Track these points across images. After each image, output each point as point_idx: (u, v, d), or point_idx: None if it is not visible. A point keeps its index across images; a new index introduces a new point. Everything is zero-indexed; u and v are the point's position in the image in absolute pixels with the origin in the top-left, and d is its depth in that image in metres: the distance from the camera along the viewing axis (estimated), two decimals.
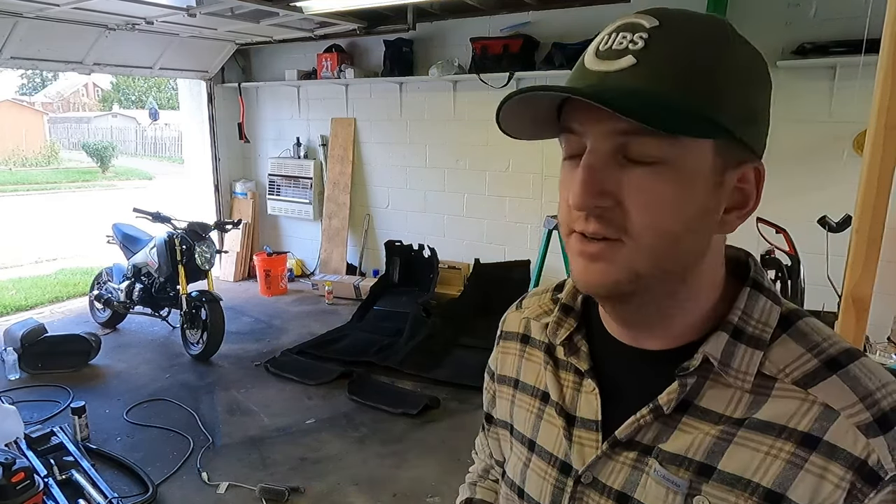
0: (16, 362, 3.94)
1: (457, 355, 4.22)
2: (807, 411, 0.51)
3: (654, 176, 0.51)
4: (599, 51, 0.52)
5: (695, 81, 0.49)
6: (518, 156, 4.84)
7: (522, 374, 0.73)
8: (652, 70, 0.49)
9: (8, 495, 2.28)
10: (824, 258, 2.87)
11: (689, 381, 0.56)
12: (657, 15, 0.51)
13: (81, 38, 4.70)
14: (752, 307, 0.57)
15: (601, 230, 0.52)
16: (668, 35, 0.50)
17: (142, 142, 24.22)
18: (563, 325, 0.67)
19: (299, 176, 6.02)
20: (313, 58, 5.54)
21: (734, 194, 0.54)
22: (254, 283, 6.01)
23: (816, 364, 0.53)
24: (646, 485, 0.57)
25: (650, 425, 0.58)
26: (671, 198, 0.51)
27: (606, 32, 0.53)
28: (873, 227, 1.35)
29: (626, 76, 0.50)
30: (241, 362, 4.24)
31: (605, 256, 0.53)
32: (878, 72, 1.31)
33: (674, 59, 0.50)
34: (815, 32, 3.61)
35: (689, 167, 0.51)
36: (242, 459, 3.04)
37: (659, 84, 0.49)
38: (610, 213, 0.52)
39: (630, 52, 0.50)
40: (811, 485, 0.49)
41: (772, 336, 0.55)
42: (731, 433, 0.54)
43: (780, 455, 0.51)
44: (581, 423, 0.63)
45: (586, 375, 0.64)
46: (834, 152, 3.66)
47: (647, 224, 0.51)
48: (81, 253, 7.99)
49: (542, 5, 4.47)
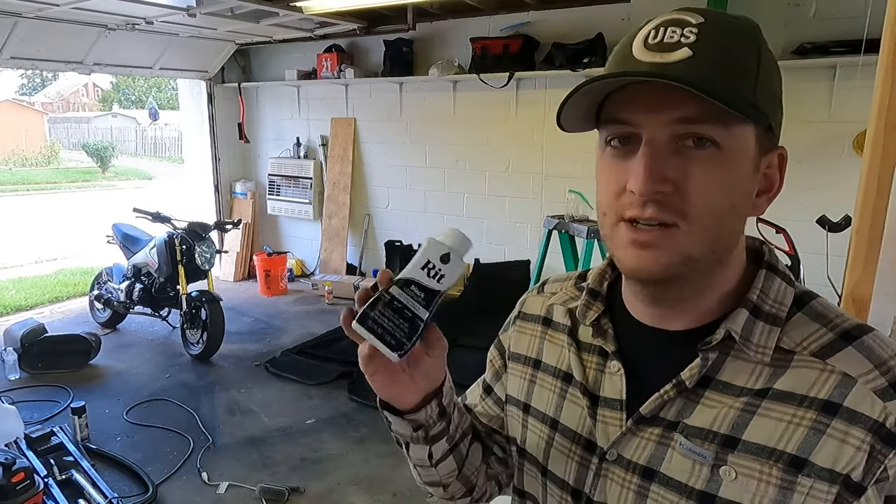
0: (16, 362, 3.94)
1: (457, 355, 4.15)
2: (826, 380, 0.54)
3: (711, 161, 0.54)
4: (649, 43, 0.55)
5: (744, 72, 0.54)
6: (518, 156, 4.84)
7: (545, 356, 0.75)
8: (707, 61, 0.52)
9: (8, 495, 2.28)
10: (824, 258, 2.87)
11: (711, 356, 0.58)
12: (700, 13, 0.55)
13: (81, 38, 4.70)
14: (769, 287, 0.60)
15: (658, 215, 0.55)
16: (714, 30, 0.54)
17: (142, 142, 24.22)
18: (592, 308, 0.70)
19: (299, 176, 6.02)
20: (313, 58, 5.54)
21: (763, 179, 0.59)
22: (254, 283, 6.02)
23: (832, 337, 0.56)
24: (671, 458, 0.59)
25: (673, 401, 0.60)
26: (726, 181, 0.55)
27: (652, 27, 0.55)
28: (873, 227, 1.36)
29: (685, 66, 0.52)
30: (241, 362, 4.24)
31: (659, 242, 0.56)
32: (878, 72, 1.31)
33: (724, 51, 0.53)
34: (815, 32, 3.61)
35: (739, 152, 0.55)
36: (242, 459, 3.04)
37: (716, 73, 0.52)
38: (669, 199, 0.54)
39: (684, 45, 0.53)
40: (833, 448, 0.52)
41: (787, 314, 0.59)
42: (754, 405, 0.56)
43: (803, 422, 0.54)
44: (605, 403, 0.65)
45: (612, 357, 0.66)
46: (834, 152, 3.66)
47: (706, 207, 0.54)
48: (81, 253, 7.99)
49: (542, 5, 4.47)
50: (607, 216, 0.59)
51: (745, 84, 0.53)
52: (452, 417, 0.72)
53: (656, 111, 0.54)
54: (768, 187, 0.60)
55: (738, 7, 3.68)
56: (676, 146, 0.54)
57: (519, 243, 4.99)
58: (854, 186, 1.40)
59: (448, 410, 0.71)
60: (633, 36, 0.57)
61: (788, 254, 3.03)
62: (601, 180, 0.60)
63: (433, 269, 0.60)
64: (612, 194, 0.58)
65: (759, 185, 0.59)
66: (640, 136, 0.55)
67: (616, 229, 0.58)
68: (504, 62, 4.49)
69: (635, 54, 0.55)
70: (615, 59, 0.57)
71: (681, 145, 0.54)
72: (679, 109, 0.53)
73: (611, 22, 4.21)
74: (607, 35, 4.15)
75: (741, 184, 0.56)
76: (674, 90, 0.51)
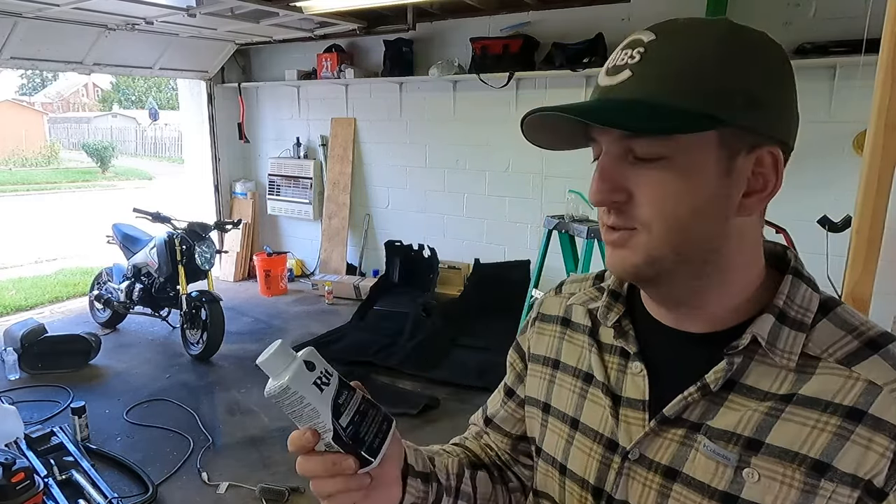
0: (16, 362, 3.94)
1: (457, 355, 4.22)
2: (851, 387, 0.55)
3: (659, 171, 0.56)
4: (608, 67, 0.58)
5: (684, 82, 0.54)
6: (518, 156, 4.84)
7: (564, 356, 0.76)
8: (643, 80, 0.55)
9: (8, 495, 2.28)
10: (824, 258, 2.87)
11: (736, 361, 0.59)
12: (656, 29, 0.56)
13: (81, 38, 4.70)
14: (795, 293, 0.61)
15: (618, 222, 0.59)
16: (661, 45, 0.55)
17: (142, 142, 24.23)
18: (613, 310, 0.70)
19: (299, 176, 6.02)
20: (313, 58, 5.54)
21: (753, 179, 0.58)
22: (254, 284, 6.01)
23: (858, 345, 0.57)
24: (695, 459, 0.60)
25: (697, 403, 0.61)
26: (676, 189, 0.56)
27: (616, 51, 0.59)
28: (873, 227, 1.36)
29: (622, 88, 0.56)
30: (241, 362, 4.24)
31: (625, 244, 0.59)
32: (878, 72, 1.31)
33: (663, 65, 0.55)
34: (815, 32, 3.61)
35: (691, 160, 0.55)
36: (242, 459, 3.04)
37: (650, 91, 0.54)
38: (625, 207, 0.58)
39: (628, 66, 0.56)
40: (857, 455, 0.53)
41: (813, 320, 0.59)
42: (778, 409, 0.57)
43: (827, 428, 0.54)
44: (627, 403, 0.66)
45: (634, 358, 0.67)
46: (834, 152, 3.66)
47: (655, 214, 0.57)
48: (81, 253, 7.99)
49: (542, 5, 4.47)
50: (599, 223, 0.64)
51: (686, 94, 0.53)
52: (437, 473, 0.73)
53: (604, 130, 0.58)
54: (760, 187, 0.58)
55: (739, 8, 3.68)
56: (628, 158, 0.57)
57: (519, 243, 4.99)
58: (854, 186, 1.40)
59: (428, 472, 0.72)
60: None
61: None
62: None
63: (320, 380, 0.59)
64: None
65: (748, 186, 0.57)
66: None
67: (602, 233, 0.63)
68: (504, 62, 4.49)
69: (599, 79, 0.59)
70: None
71: (632, 157, 0.57)
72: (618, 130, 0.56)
73: (611, 22, 4.21)
74: (607, 35, 4.15)
75: (700, 188, 0.56)
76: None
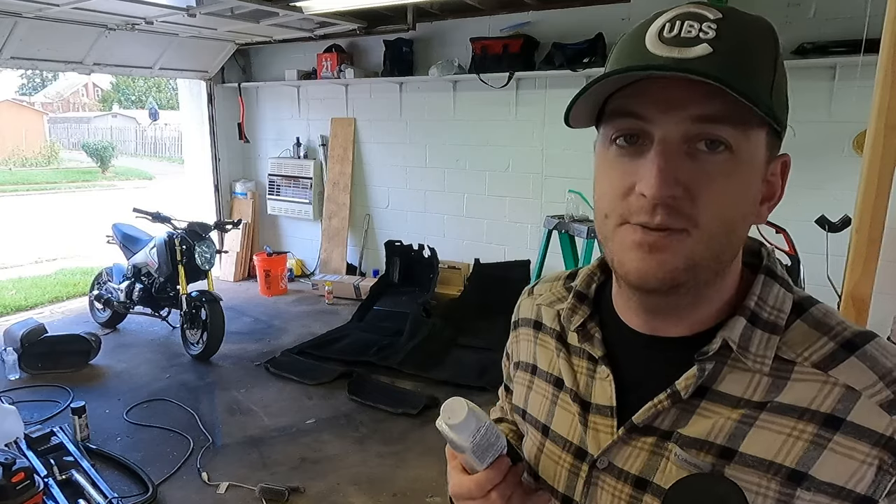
0: (16, 362, 3.94)
1: (457, 355, 4.22)
2: (829, 393, 0.52)
3: (725, 165, 0.51)
4: (665, 37, 0.51)
5: (762, 73, 0.51)
6: (518, 156, 4.84)
7: (538, 360, 0.73)
8: (728, 58, 0.49)
9: (8, 495, 2.28)
10: (824, 258, 2.87)
11: (708, 367, 0.56)
12: (718, 8, 0.52)
13: (81, 38, 4.70)
14: (767, 294, 0.58)
15: (668, 221, 0.51)
16: (733, 27, 0.51)
17: (142, 142, 24.21)
18: (578, 312, 0.67)
19: (299, 176, 6.02)
20: (313, 58, 5.54)
21: (766, 186, 0.56)
22: (254, 283, 6.01)
23: (833, 347, 0.54)
24: (665, 469, 0.57)
25: (668, 411, 0.58)
26: (738, 188, 0.52)
27: (667, 20, 0.52)
28: (873, 227, 1.36)
29: (704, 63, 0.49)
30: (241, 362, 4.24)
31: (668, 247, 0.52)
32: (878, 72, 1.31)
33: (743, 50, 0.51)
34: (815, 32, 3.61)
35: (752, 158, 0.53)
36: (242, 459, 3.04)
37: (736, 72, 0.49)
38: (680, 203, 0.51)
39: (703, 40, 0.50)
40: (837, 463, 0.51)
41: (787, 322, 0.57)
42: (752, 416, 0.54)
43: (803, 436, 0.52)
44: (596, 409, 0.63)
45: (600, 362, 0.64)
46: (834, 152, 3.66)
47: (716, 214, 0.52)
48: (81, 253, 7.99)
49: (542, 5, 4.47)
50: (609, 218, 0.56)
51: (762, 85, 0.51)
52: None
53: (672, 109, 0.51)
54: (770, 195, 0.57)
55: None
56: (688, 148, 0.51)
57: (519, 243, 4.99)
58: (854, 186, 1.40)
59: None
60: (644, 28, 0.53)
61: (788, 254, 3.03)
62: (604, 180, 0.56)
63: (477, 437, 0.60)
64: (617, 196, 0.54)
65: (763, 193, 0.56)
66: (650, 135, 0.52)
67: (619, 231, 0.55)
68: (504, 62, 4.49)
69: (650, 48, 0.51)
70: (625, 52, 0.54)
71: (693, 147, 0.51)
72: (697, 108, 0.50)
73: (611, 22, 4.21)
74: (607, 35, 4.16)
75: (751, 191, 0.54)
76: (692, 86, 0.49)
